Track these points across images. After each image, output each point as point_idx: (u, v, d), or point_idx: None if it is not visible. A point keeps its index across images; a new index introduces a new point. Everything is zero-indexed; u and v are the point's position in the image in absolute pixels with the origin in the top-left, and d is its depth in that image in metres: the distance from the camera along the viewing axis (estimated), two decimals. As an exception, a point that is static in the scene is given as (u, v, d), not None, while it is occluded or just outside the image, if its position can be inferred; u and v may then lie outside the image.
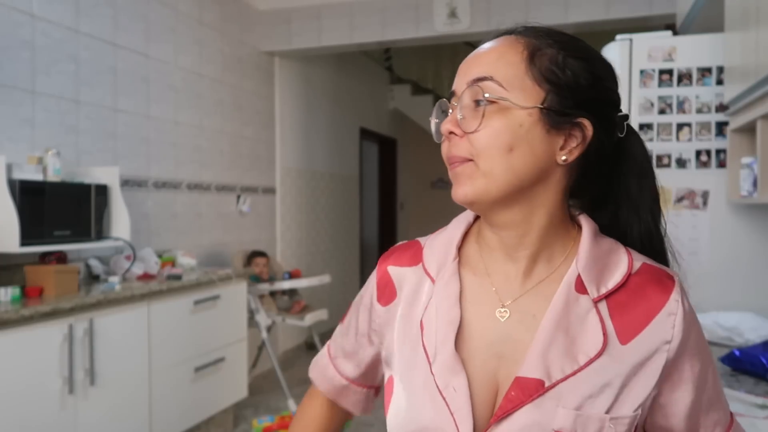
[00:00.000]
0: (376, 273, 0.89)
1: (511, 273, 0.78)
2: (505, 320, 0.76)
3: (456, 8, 4.38)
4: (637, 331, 0.73)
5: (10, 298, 2.39)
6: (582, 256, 0.76)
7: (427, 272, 0.83)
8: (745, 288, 2.22)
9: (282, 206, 5.30)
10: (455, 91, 0.77)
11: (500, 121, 0.72)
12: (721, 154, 2.24)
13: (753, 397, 1.25)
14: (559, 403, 0.70)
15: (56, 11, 3.06)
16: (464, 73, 0.77)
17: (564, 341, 0.72)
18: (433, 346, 0.76)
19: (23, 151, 2.82)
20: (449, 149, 0.75)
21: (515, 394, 0.71)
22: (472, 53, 0.79)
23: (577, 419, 0.69)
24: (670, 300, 0.75)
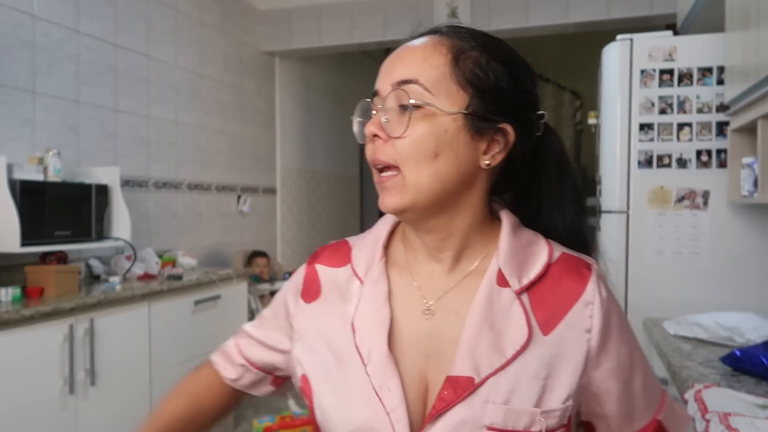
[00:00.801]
0: (303, 270, 0.88)
1: (435, 272, 0.79)
2: (430, 319, 0.76)
3: (456, 8, 4.39)
4: (557, 321, 0.74)
5: (10, 298, 2.39)
6: (502, 250, 0.77)
7: (355, 273, 0.82)
8: (745, 288, 2.22)
9: (282, 206, 5.30)
10: (378, 91, 0.76)
11: (426, 127, 0.71)
12: (721, 154, 2.24)
13: (754, 397, 1.25)
14: (489, 399, 0.70)
15: (57, 11, 3.06)
16: (388, 73, 0.75)
17: (490, 336, 0.73)
18: (367, 348, 0.75)
19: (24, 152, 2.82)
20: (374, 152, 0.75)
21: (448, 393, 0.71)
22: (395, 52, 0.77)
23: (507, 414, 0.70)
24: (587, 289, 0.75)
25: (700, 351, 1.71)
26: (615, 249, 2.36)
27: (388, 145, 0.73)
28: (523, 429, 0.70)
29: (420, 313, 0.77)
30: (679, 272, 2.28)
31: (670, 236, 2.30)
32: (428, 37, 0.77)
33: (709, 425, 1.11)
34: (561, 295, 0.75)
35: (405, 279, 0.80)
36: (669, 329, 1.94)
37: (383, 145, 0.73)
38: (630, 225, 2.34)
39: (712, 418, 1.12)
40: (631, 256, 2.33)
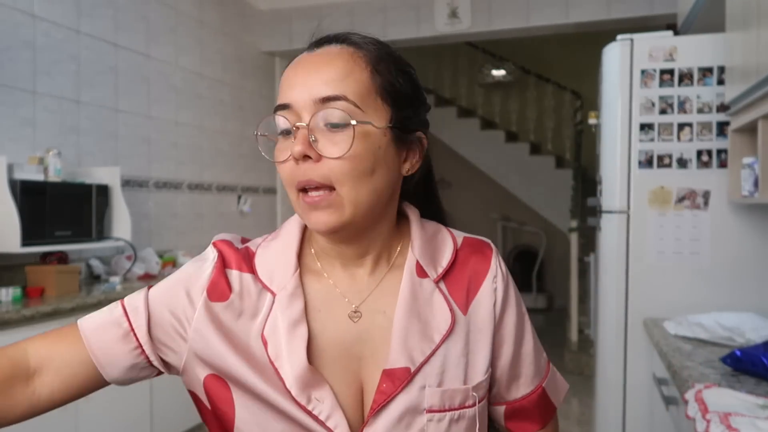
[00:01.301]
0: (211, 267, 0.78)
1: (356, 276, 0.79)
2: (358, 321, 0.77)
3: (457, 8, 4.39)
4: (471, 299, 0.80)
5: (11, 298, 2.39)
6: (416, 243, 0.80)
7: (264, 285, 0.77)
8: (746, 288, 2.21)
9: (283, 206, 5.30)
10: (293, 106, 0.71)
11: (362, 144, 0.70)
12: (722, 154, 2.24)
13: (754, 397, 1.25)
14: (425, 384, 0.74)
15: (57, 12, 3.07)
16: (305, 87, 0.71)
17: (419, 326, 0.76)
18: (283, 362, 0.73)
19: (24, 152, 2.83)
20: (303, 173, 0.71)
21: (386, 386, 0.73)
22: (304, 63, 0.74)
23: (443, 395, 0.75)
24: (491, 266, 0.82)
25: (700, 351, 1.71)
26: (615, 249, 2.36)
27: (320, 165, 0.70)
28: (459, 406, 0.76)
29: (347, 318, 0.77)
30: (679, 272, 2.28)
31: (670, 236, 2.29)
32: (338, 47, 0.75)
33: (709, 425, 1.11)
34: (472, 276, 0.81)
35: (323, 287, 0.79)
36: (669, 329, 1.94)
37: (314, 165, 0.70)
38: (630, 225, 2.34)
39: (713, 418, 1.12)
40: (631, 256, 2.33)
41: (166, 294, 0.78)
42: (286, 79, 0.74)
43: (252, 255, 0.81)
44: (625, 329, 2.35)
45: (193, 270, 0.79)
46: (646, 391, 2.28)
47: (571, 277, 5.33)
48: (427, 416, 0.74)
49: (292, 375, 0.72)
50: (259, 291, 0.77)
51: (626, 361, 2.34)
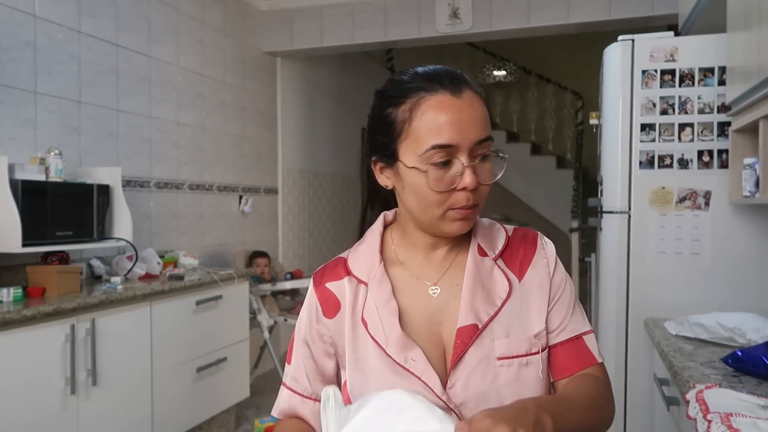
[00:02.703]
0: (314, 294, 1.03)
1: (434, 260, 1.01)
2: (438, 295, 0.98)
3: (458, 9, 4.38)
4: (524, 270, 1.01)
5: (12, 298, 2.39)
6: (477, 231, 1.03)
7: (358, 279, 1.00)
8: (747, 288, 2.21)
9: (284, 207, 5.30)
10: (454, 145, 0.89)
11: (496, 170, 0.94)
12: (723, 154, 2.24)
13: (755, 397, 1.25)
14: (494, 337, 0.94)
15: (58, 12, 3.07)
16: (467, 132, 0.89)
17: (482, 293, 0.96)
18: (382, 335, 0.94)
19: (25, 152, 2.83)
20: (467, 199, 0.90)
21: (460, 341, 0.93)
22: (459, 109, 0.90)
23: (510, 344, 0.94)
24: (539, 245, 1.04)
25: (701, 351, 1.71)
26: (616, 249, 2.36)
27: (477, 191, 0.91)
28: (525, 353, 0.94)
29: (427, 293, 0.98)
30: (680, 273, 2.28)
31: (671, 237, 2.29)
32: (471, 92, 0.93)
33: (710, 426, 1.11)
34: (523, 253, 1.02)
35: (407, 272, 1.00)
36: (670, 329, 1.94)
37: (474, 192, 0.91)
38: (631, 225, 2.34)
39: (714, 419, 1.12)
40: (632, 257, 2.33)
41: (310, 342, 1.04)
42: (443, 122, 0.89)
43: (344, 260, 1.04)
44: (626, 329, 2.35)
45: (308, 306, 1.05)
46: (647, 391, 2.27)
47: (572, 277, 5.33)
48: (498, 363, 0.92)
49: (390, 342, 0.92)
50: (355, 287, 0.99)
51: (627, 361, 2.34)
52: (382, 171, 0.99)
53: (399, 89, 0.95)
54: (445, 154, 0.89)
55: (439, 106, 0.90)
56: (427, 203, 0.92)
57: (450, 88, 0.90)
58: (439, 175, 0.89)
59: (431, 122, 0.89)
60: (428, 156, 0.89)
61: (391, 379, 0.92)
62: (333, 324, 1.00)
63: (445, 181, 0.89)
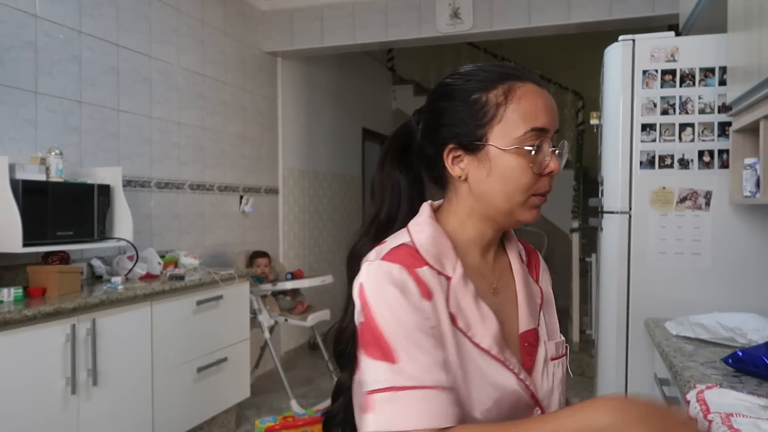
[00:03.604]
0: (407, 276, 0.87)
1: (487, 259, 1.02)
2: (498, 296, 0.99)
3: (459, 9, 4.38)
4: (539, 277, 1.09)
5: (12, 298, 2.40)
6: (511, 237, 1.08)
7: (437, 270, 0.91)
8: (747, 288, 2.21)
9: (285, 207, 5.30)
10: (549, 131, 0.93)
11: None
12: (723, 154, 2.24)
13: (756, 398, 1.25)
14: (544, 339, 1.01)
15: (59, 12, 3.07)
16: (555, 120, 0.94)
17: (529, 298, 1.02)
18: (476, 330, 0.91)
19: (26, 152, 2.83)
20: (548, 184, 0.94)
21: (528, 344, 0.98)
22: (547, 98, 0.94)
23: (555, 346, 1.02)
24: (541, 259, 1.13)
25: (702, 351, 1.71)
26: (617, 249, 2.36)
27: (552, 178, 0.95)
28: (560, 354, 1.02)
29: (491, 294, 0.98)
30: (681, 273, 2.28)
31: (672, 237, 2.29)
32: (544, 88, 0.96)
33: (711, 426, 1.10)
34: (534, 265, 1.11)
35: (471, 271, 0.96)
36: (671, 330, 1.94)
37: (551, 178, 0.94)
38: (632, 225, 2.34)
39: (714, 419, 1.12)
40: (633, 257, 2.33)
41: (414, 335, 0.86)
42: (541, 107, 0.92)
43: (413, 249, 0.92)
44: (627, 329, 2.34)
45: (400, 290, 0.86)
46: (648, 391, 2.27)
47: (573, 277, 5.33)
48: (552, 363, 0.99)
49: (490, 337, 0.91)
50: (433, 277, 0.91)
51: (628, 361, 2.34)
52: (457, 160, 0.95)
53: (487, 75, 0.94)
54: (538, 138, 0.91)
55: (534, 92, 0.92)
56: (516, 187, 0.91)
57: (534, 80, 0.94)
58: (531, 159, 0.91)
59: (530, 106, 0.91)
60: (525, 138, 0.90)
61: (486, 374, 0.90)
62: (431, 307, 0.88)
63: (538, 164, 0.92)
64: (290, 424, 3.24)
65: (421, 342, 0.84)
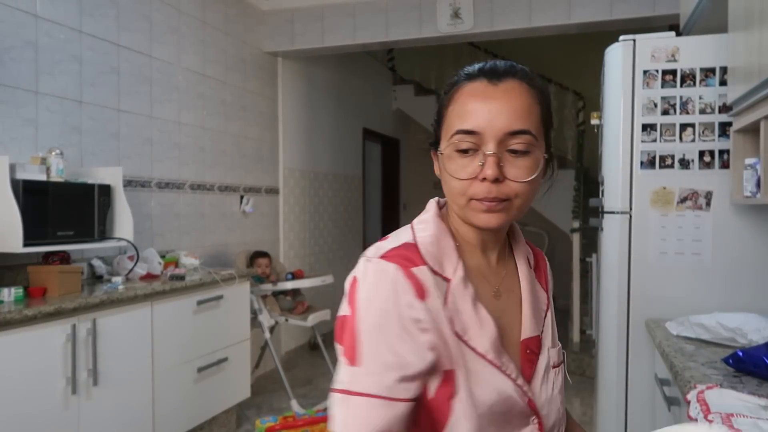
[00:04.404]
0: (402, 274, 0.84)
1: (491, 260, 0.98)
2: (500, 299, 0.95)
3: (459, 9, 4.38)
4: (547, 282, 1.06)
5: (13, 298, 2.40)
6: (519, 239, 1.04)
7: (436, 272, 0.88)
8: (748, 289, 2.21)
9: (285, 207, 5.30)
10: (479, 133, 0.86)
11: (536, 169, 0.87)
12: (724, 154, 2.24)
13: (756, 398, 1.25)
14: (548, 346, 0.97)
15: (59, 12, 3.07)
16: (496, 120, 0.85)
17: (535, 303, 0.98)
18: (473, 335, 0.87)
19: (26, 152, 2.83)
20: (488, 191, 0.85)
21: (530, 352, 0.94)
22: (493, 96, 0.87)
23: (556, 353, 0.99)
24: (547, 263, 1.10)
25: (702, 352, 1.71)
26: (617, 250, 2.35)
27: (504, 185, 0.86)
28: (559, 361, 0.99)
29: (492, 297, 0.95)
30: (681, 273, 2.28)
31: (672, 237, 2.29)
32: (517, 82, 0.89)
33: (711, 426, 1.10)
34: (543, 270, 1.07)
35: (472, 271, 0.94)
36: (671, 330, 1.94)
37: (499, 185, 0.86)
38: (632, 226, 2.33)
39: (715, 419, 1.12)
40: (633, 257, 2.33)
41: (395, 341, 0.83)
42: (472, 108, 0.87)
43: (415, 247, 0.90)
44: (627, 330, 2.34)
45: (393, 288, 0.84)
46: (648, 391, 2.27)
47: (573, 277, 5.33)
48: (554, 371, 0.97)
49: (487, 342, 0.88)
50: (431, 278, 0.87)
51: (628, 361, 2.34)
52: (435, 159, 0.96)
53: (456, 76, 0.94)
54: (470, 142, 0.86)
55: (471, 92, 0.89)
56: (452, 190, 0.89)
57: (488, 76, 0.89)
58: (464, 162, 0.87)
59: (460, 107, 0.88)
60: (454, 141, 0.87)
61: (491, 382, 0.87)
62: (425, 307, 0.84)
63: (468, 169, 0.87)
64: (290, 424, 3.25)
65: (399, 348, 0.81)
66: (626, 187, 2.34)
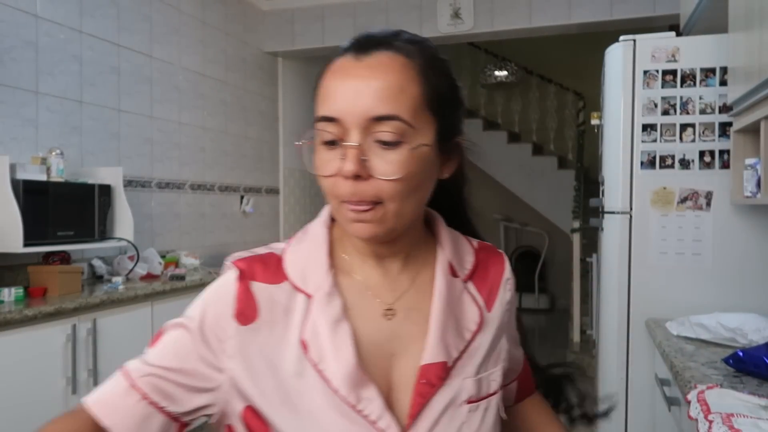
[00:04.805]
0: (234, 287, 0.74)
1: (389, 273, 0.79)
2: (393, 319, 0.77)
3: (459, 9, 4.38)
4: (494, 298, 0.84)
5: (13, 298, 2.40)
6: (446, 244, 0.82)
7: (298, 288, 0.75)
8: (748, 289, 2.21)
9: (285, 206, 5.31)
10: (341, 120, 0.70)
11: (412, 163, 0.69)
12: (724, 154, 2.23)
13: (756, 398, 1.25)
14: (463, 376, 0.77)
15: (60, 12, 3.07)
16: (358, 103, 0.69)
17: (453, 323, 0.78)
18: (328, 363, 0.71)
19: (27, 152, 2.83)
20: (354, 192, 0.69)
21: (426, 382, 0.74)
22: (356, 74, 0.71)
23: (478, 384, 0.78)
24: (506, 268, 0.87)
25: (702, 352, 1.71)
26: (618, 250, 2.35)
27: (370, 184, 0.69)
28: (489, 393, 0.79)
29: (380, 317, 0.76)
30: (681, 273, 2.28)
31: (672, 237, 2.29)
32: (387, 55, 0.72)
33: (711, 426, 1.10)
34: (492, 277, 0.85)
35: (356, 285, 0.78)
36: (672, 330, 1.94)
37: (364, 183, 0.69)
38: (633, 226, 2.33)
39: (715, 419, 1.12)
40: (633, 257, 2.33)
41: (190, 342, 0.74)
42: (331, 89, 0.72)
43: (279, 259, 0.78)
44: (628, 330, 2.34)
45: (217, 296, 0.75)
46: (649, 391, 2.27)
47: (574, 277, 5.32)
48: (467, 407, 0.76)
49: (340, 374, 0.70)
50: (289, 296, 0.75)
51: (628, 361, 2.34)
52: None
53: None
54: (333, 131, 0.71)
55: (334, 71, 0.74)
56: (323, 190, 0.74)
57: (355, 50, 0.73)
58: (328, 156, 0.72)
59: (324, 89, 0.75)
60: (317, 132, 0.74)
61: (337, 423, 0.70)
62: (243, 333, 0.72)
63: (332, 164, 0.71)
64: None
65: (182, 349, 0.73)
66: (626, 187, 2.34)
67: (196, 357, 0.73)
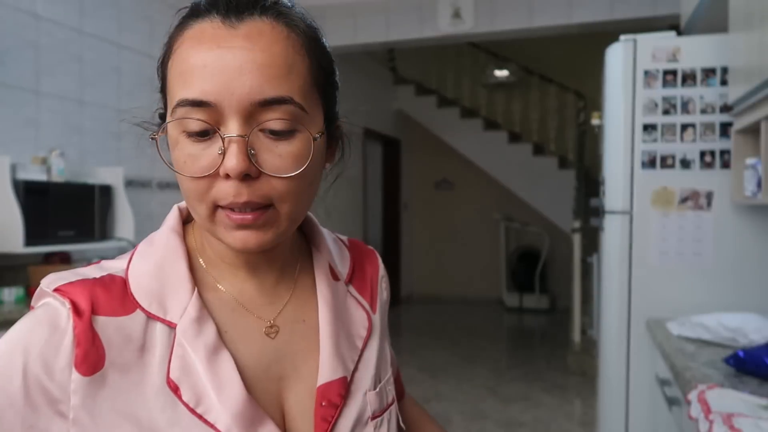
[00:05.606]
0: (69, 326, 0.56)
1: (264, 284, 0.68)
2: (276, 337, 0.66)
3: (460, 8, 4.38)
4: (375, 298, 0.77)
5: (14, 298, 2.40)
6: (324, 244, 0.74)
7: (155, 317, 0.60)
8: (749, 289, 2.21)
9: (285, 207, 5.31)
10: (215, 104, 0.55)
11: (306, 155, 0.58)
12: (725, 154, 2.24)
13: (757, 398, 1.25)
14: (363, 389, 0.68)
15: (60, 12, 3.07)
16: (237, 82, 0.55)
17: (344, 331, 0.70)
18: (210, 404, 0.58)
19: (27, 152, 2.83)
20: (238, 193, 0.56)
21: (327, 403, 0.64)
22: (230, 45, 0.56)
23: (378, 396, 0.70)
24: (380, 265, 0.81)
25: (703, 352, 1.71)
26: (618, 250, 2.36)
27: (259, 183, 0.57)
28: (388, 403, 0.71)
29: (262, 337, 0.65)
30: (682, 273, 2.28)
31: (673, 237, 2.29)
32: (267, 21, 0.58)
33: (712, 426, 1.11)
34: (368, 276, 0.78)
35: (226, 302, 0.65)
36: (672, 330, 1.94)
37: (251, 183, 0.57)
38: (633, 226, 2.33)
39: (716, 419, 1.12)
40: (634, 257, 2.33)
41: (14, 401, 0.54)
42: (197, 64, 0.56)
43: (122, 282, 0.62)
44: (628, 330, 2.34)
45: (42, 341, 0.55)
46: (649, 391, 2.27)
47: (574, 277, 5.33)
48: (372, 423, 0.67)
49: (227, 415, 0.58)
50: (143, 329, 0.59)
51: (629, 361, 2.34)
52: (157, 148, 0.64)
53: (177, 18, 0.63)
54: (204, 118, 0.56)
55: (197, 38, 0.57)
56: (186, 193, 0.60)
57: (224, 12, 0.57)
58: (195, 151, 0.57)
59: (181, 64, 0.57)
60: (178, 119, 0.57)
61: None
62: (88, 387, 0.55)
63: (204, 161, 0.57)
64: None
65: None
66: (627, 187, 2.34)
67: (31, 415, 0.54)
